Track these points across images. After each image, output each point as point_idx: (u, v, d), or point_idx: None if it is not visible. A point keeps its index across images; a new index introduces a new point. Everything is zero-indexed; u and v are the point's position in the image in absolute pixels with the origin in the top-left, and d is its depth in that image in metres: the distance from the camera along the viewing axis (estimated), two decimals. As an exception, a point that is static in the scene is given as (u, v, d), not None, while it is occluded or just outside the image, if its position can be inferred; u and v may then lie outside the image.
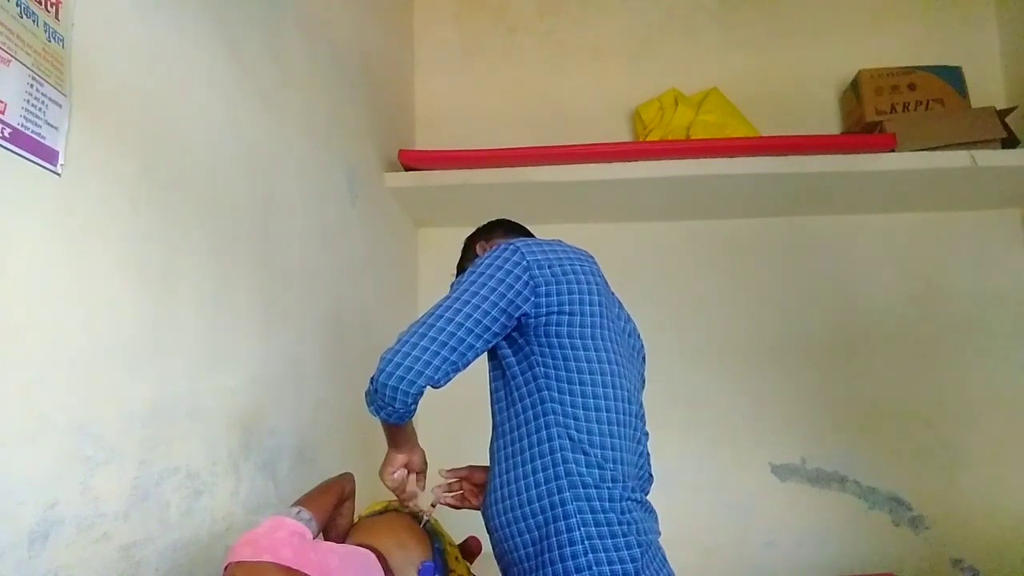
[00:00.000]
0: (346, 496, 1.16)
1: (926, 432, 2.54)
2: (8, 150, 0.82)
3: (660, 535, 1.19)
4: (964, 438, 2.53)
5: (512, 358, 1.19)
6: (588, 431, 1.13)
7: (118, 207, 1.02)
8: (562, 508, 1.09)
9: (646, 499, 1.20)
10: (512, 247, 1.18)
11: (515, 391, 1.18)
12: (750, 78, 2.77)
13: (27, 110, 0.84)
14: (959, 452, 2.52)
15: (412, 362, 1.09)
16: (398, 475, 1.28)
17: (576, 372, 1.14)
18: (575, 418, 1.13)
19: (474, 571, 1.25)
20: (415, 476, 1.30)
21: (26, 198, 0.85)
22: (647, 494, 1.22)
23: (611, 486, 1.11)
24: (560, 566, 1.07)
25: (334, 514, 1.11)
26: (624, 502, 1.11)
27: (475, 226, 1.56)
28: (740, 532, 2.52)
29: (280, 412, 1.52)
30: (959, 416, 2.54)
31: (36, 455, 0.84)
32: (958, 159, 2.29)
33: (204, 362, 1.23)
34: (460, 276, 1.21)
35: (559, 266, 1.17)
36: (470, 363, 1.15)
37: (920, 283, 2.64)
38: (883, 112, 2.51)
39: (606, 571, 1.05)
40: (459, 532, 1.28)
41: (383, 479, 1.28)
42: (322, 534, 1.09)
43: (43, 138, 0.87)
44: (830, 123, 2.77)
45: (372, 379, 1.12)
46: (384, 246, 2.40)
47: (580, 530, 1.08)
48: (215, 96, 1.32)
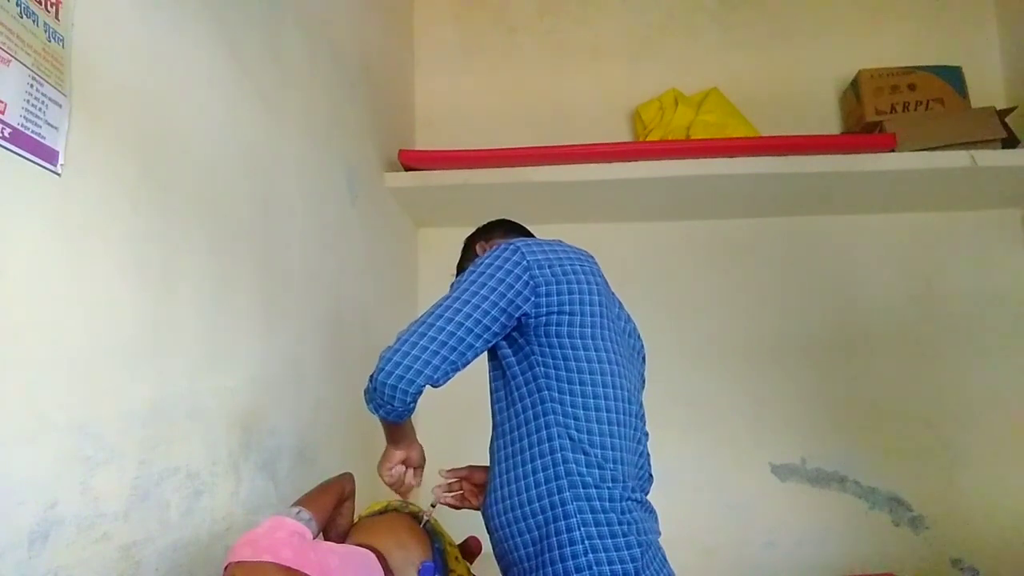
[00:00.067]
0: (346, 496, 1.16)
1: (926, 432, 2.54)
2: (8, 150, 0.82)
3: (660, 535, 1.20)
4: (964, 438, 2.53)
5: (512, 358, 1.19)
6: (588, 431, 1.13)
7: (118, 207, 1.02)
8: (562, 508, 1.10)
9: (646, 499, 1.20)
10: (512, 247, 1.18)
11: (515, 391, 1.18)
12: (750, 78, 2.77)
13: (27, 110, 0.84)
14: (959, 452, 2.52)
15: (411, 361, 1.09)
16: (396, 471, 1.28)
17: (576, 372, 1.14)
18: (575, 418, 1.13)
19: (474, 571, 1.25)
20: (412, 471, 1.31)
21: (26, 198, 0.85)
22: (647, 494, 1.22)
23: (611, 486, 1.11)
24: (560, 566, 1.07)
25: (334, 514, 1.11)
26: (624, 502, 1.11)
27: (475, 226, 1.56)
28: (740, 532, 2.52)
29: (280, 412, 1.52)
30: (959, 416, 2.54)
31: (36, 455, 0.84)
32: (958, 159, 2.30)
33: (204, 362, 1.23)
34: (460, 276, 1.21)
35: (559, 266, 1.17)
36: (470, 363, 1.15)
37: (920, 283, 2.64)
38: (883, 112, 2.51)
39: (606, 571, 1.05)
40: (459, 532, 1.28)
41: (380, 475, 1.28)
42: (322, 534, 1.09)
43: (43, 138, 0.87)
44: (830, 123, 2.77)
45: (371, 377, 1.13)
46: (384, 246, 2.40)
47: (580, 530, 1.08)
48: (215, 96, 1.32)
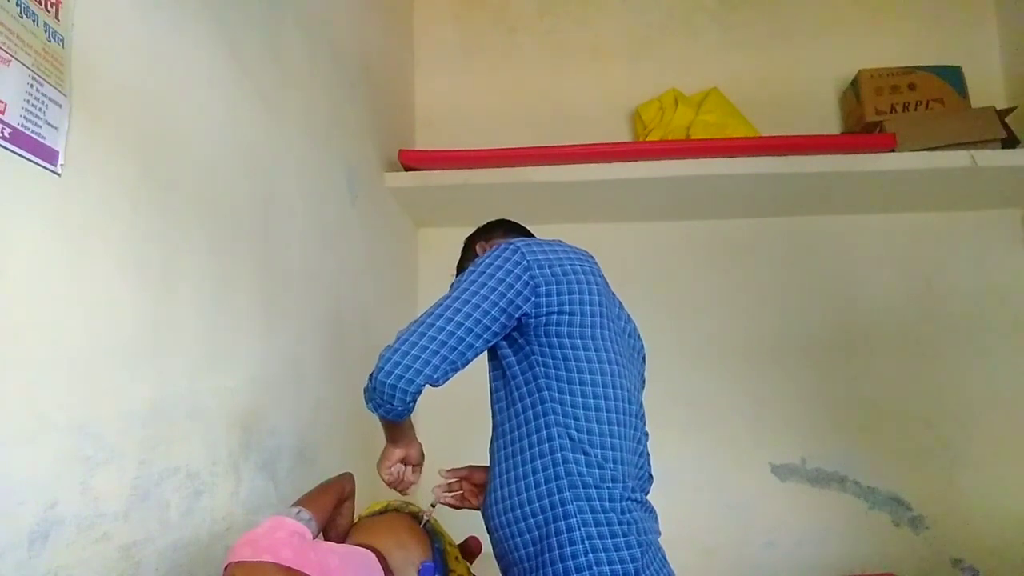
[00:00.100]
0: (346, 496, 1.16)
1: (926, 432, 2.54)
2: (8, 150, 0.82)
3: (660, 535, 1.20)
4: (964, 438, 2.52)
5: (512, 358, 1.19)
6: (588, 431, 1.13)
7: (118, 207, 1.02)
8: (562, 508, 1.09)
9: (646, 499, 1.20)
10: (512, 247, 1.18)
11: (515, 391, 1.18)
12: (750, 78, 2.77)
13: (27, 110, 0.84)
14: (959, 452, 2.52)
15: (411, 360, 1.09)
16: (395, 470, 1.29)
17: (576, 372, 1.14)
18: (575, 418, 1.13)
19: (474, 571, 1.25)
20: (411, 468, 1.31)
21: (26, 198, 0.85)
22: (647, 494, 1.22)
23: (611, 486, 1.11)
24: (560, 566, 1.07)
25: (334, 514, 1.11)
26: (624, 502, 1.11)
27: (475, 226, 1.56)
28: (740, 532, 2.52)
29: (280, 412, 1.52)
30: (959, 416, 2.54)
31: (36, 455, 0.84)
32: (958, 159, 2.30)
33: (204, 362, 1.23)
34: (460, 276, 1.21)
35: (559, 266, 1.17)
36: (469, 362, 1.15)
37: (920, 283, 2.64)
38: (883, 112, 2.51)
39: (606, 571, 1.05)
40: (459, 532, 1.28)
41: (380, 473, 1.29)
42: (322, 534, 1.09)
43: (43, 138, 0.87)
44: (830, 123, 2.77)
45: (371, 376, 1.13)
46: (384, 246, 2.40)
47: (580, 530, 1.08)
48: (215, 96, 1.32)
